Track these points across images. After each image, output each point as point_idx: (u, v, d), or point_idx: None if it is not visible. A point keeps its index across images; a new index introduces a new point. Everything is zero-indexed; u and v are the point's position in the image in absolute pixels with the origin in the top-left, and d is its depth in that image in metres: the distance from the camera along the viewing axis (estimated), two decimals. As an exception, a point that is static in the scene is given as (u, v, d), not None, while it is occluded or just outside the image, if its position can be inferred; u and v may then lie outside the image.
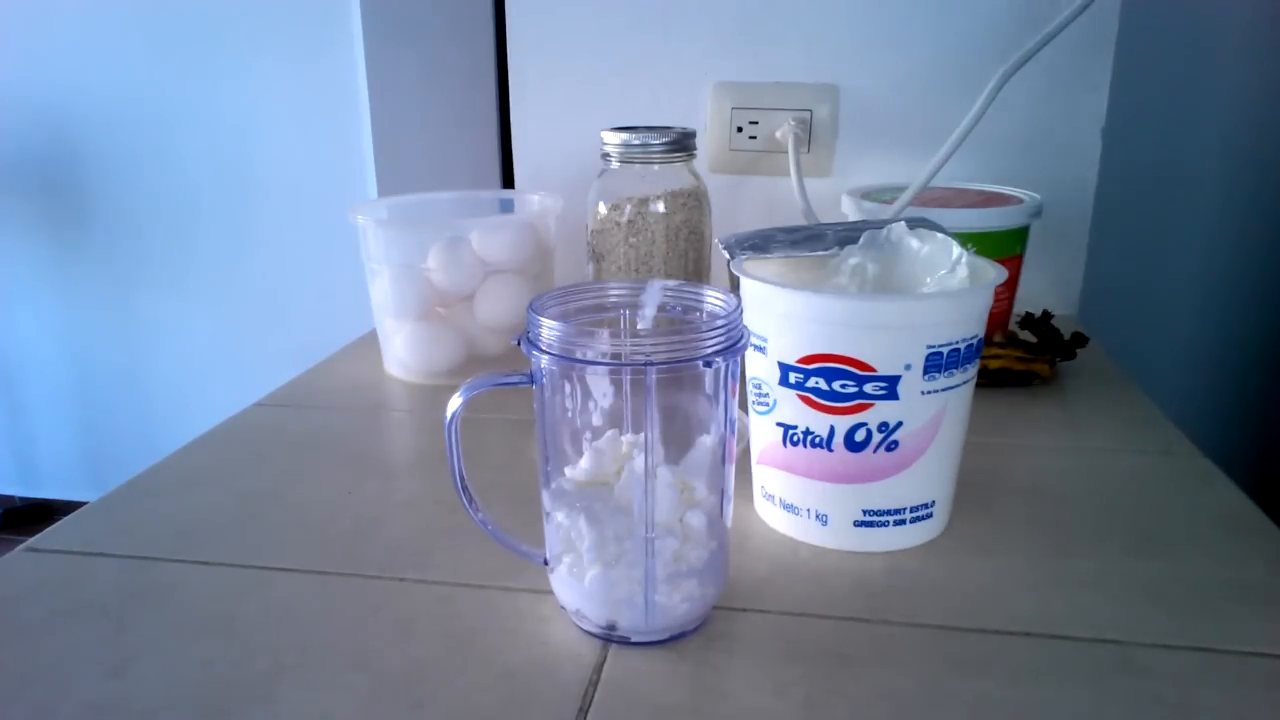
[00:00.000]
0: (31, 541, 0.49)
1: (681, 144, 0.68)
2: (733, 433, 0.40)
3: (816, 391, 0.45)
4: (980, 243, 0.71)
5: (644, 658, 0.39)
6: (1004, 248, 0.72)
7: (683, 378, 0.38)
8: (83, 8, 1.65)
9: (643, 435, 0.37)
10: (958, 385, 0.45)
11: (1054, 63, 0.80)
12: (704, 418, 0.39)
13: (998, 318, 0.75)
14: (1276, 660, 0.39)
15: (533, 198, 0.80)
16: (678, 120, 0.89)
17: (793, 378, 0.46)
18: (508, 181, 0.97)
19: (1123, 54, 0.82)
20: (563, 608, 0.42)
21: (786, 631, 0.41)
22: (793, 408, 0.46)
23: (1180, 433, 0.61)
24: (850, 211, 0.77)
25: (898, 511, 0.47)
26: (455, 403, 0.40)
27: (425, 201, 0.80)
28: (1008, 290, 0.75)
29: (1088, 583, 0.44)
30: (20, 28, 1.68)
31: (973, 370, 0.46)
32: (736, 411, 0.40)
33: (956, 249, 0.48)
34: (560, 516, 0.40)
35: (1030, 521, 0.50)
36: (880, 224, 0.51)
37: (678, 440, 0.40)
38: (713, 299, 0.41)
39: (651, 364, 0.35)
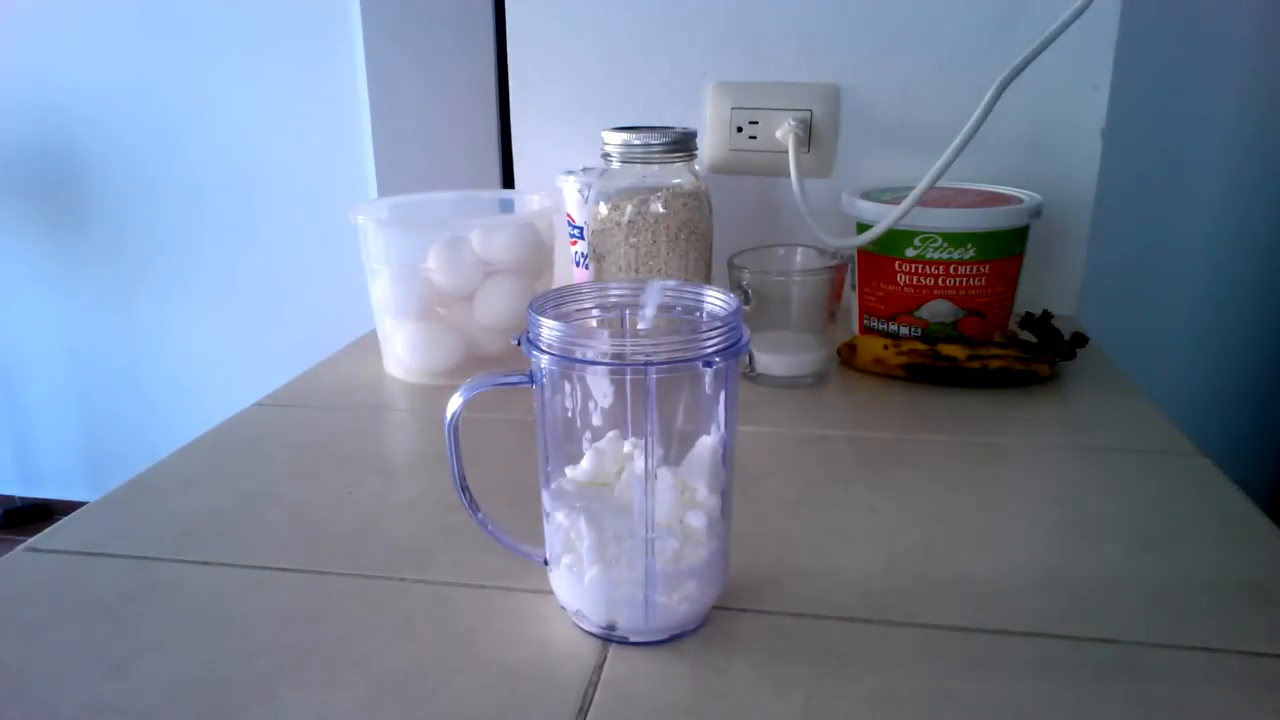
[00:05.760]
0: (31, 541, 0.49)
1: (682, 144, 0.68)
2: (733, 433, 0.40)
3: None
4: (980, 243, 0.71)
5: (644, 658, 0.39)
6: (1004, 248, 0.72)
7: (683, 378, 0.38)
8: (83, 8, 1.64)
9: (643, 437, 0.37)
10: None
11: (1054, 63, 0.80)
12: (704, 418, 0.39)
13: (998, 317, 0.75)
14: (1276, 660, 0.39)
15: (533, 198, 0.80)
16: (678, 120, 0.89)
17: None
18: (508, 181, 0.97)
19: (1123, 54, 0.82)
20: (563, 608, 0.42)
21: (786, 631, 0.41)
22: None
23: (1180, 433, 0.61)
24: (850, 211, 0.77)
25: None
26: (455, 403, 0.40)
27: (425, 201, 0.80)
28: (1008, 290, 0.75)
29: (1088, 583, 0.44)
30: (20, 27, 1.68)
31: None
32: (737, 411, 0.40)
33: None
34: (560, 517, 0.40)
35: (1030, 521, 0.50)
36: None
37: (678, 441, 0.40)
38: (713, 299, 0.41)
39: (651, 364, 0.35)
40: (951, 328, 0.73)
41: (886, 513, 0.51)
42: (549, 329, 0.37)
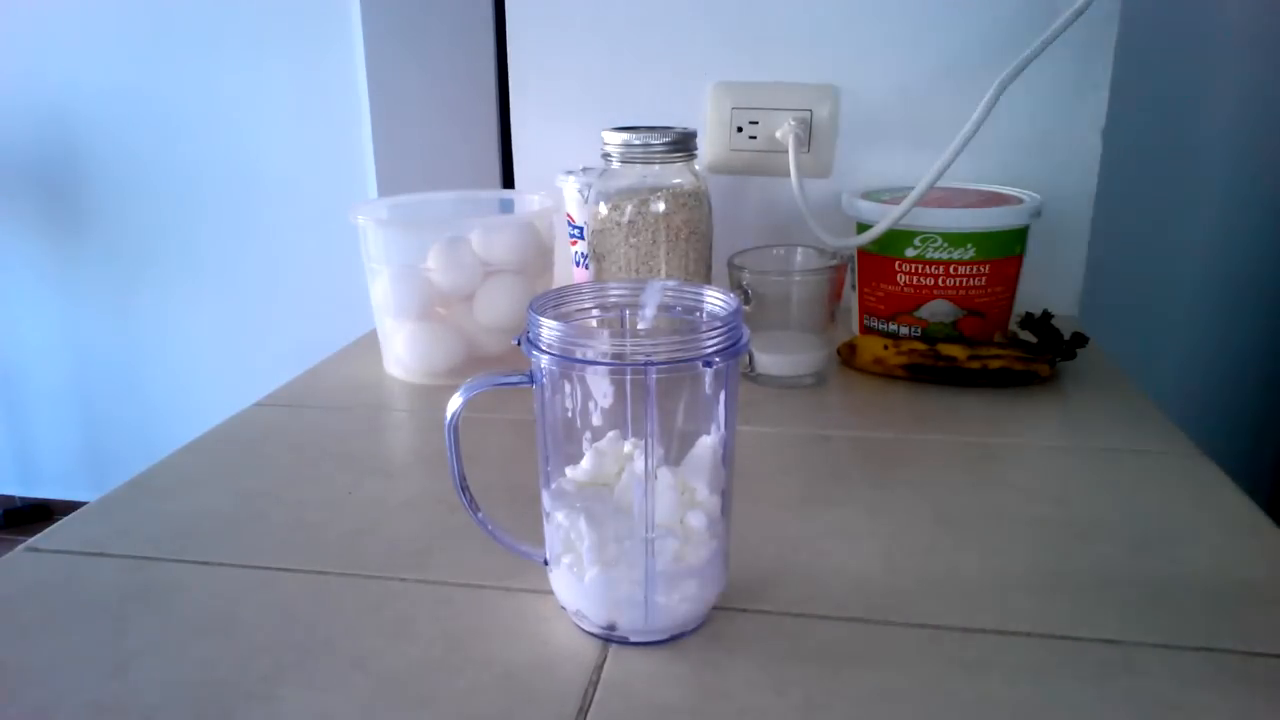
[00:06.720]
0: (31, 541, 0.49)
1: (682, 144, 0.68)
2: (733, 433, 0.40)
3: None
4: (980, 243, 0.71)
5: (644, 658, 0.39)
6: (1004, 248, 0.72)
7: (683, 378, 0.38)
8: (83, 8, 1.65)
9: (643, 437, 0.37)
10: None
11: (1054, 63, 0.80)
12: (704, 418, 0.39)
13: (998, 317, 0.75)
14: (1276, 660, 0.39)
15: (533, 198, 0.80)
16: (678, 120, 0.89)
17: None
18: (508, 181, 0.97)
19: (1123, 54, 0.82)
20: (563, 608, 0.42)
21: (786, 631, 0.41)
22: None
23: (1180, 433, 0.61)
24: (850, 211, 0.77)
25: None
26: (455, 403, 0.40)
27: (425, 201, 0.80)
28: (1008, 290, 0.75)
29: (1088, 583, 0.44)
30: (20, 27, 1.68)
31: None
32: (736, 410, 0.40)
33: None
34: (560, 517, 0.40)
35: (1030, 521, 0.50)
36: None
37: (678, 441, 0.40)
38: (713, 299, 0.41)
39: (651, 364, 0.35)
40: (951, 328, 0.73)
41: (886, 513, 0.51)
42: (549, 329, 0.37)
